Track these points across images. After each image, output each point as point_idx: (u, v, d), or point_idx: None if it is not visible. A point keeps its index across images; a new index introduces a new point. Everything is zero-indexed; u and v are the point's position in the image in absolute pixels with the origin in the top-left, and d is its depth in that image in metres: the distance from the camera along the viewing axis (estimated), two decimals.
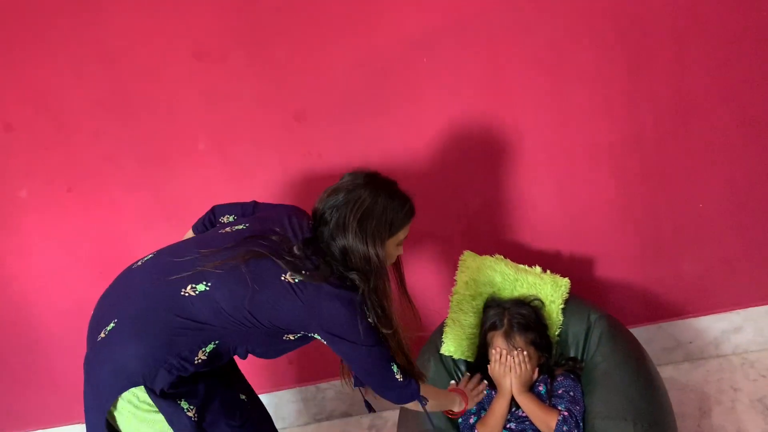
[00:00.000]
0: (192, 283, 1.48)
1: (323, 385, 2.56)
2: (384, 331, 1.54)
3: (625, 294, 2.33)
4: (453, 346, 2.05)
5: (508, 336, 1.88)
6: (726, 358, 2.35)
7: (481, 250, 2.22)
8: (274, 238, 1.55)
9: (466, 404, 1.87)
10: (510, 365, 1.83)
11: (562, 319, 2.02)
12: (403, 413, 2.04)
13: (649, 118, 2.12)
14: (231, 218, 1.74)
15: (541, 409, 1.79)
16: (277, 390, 2.56)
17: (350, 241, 1.51)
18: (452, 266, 2.19)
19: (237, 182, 2.28)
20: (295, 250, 1.52)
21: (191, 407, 1.49)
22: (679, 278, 2.31)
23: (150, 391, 1.45)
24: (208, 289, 1.47)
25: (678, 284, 2.32)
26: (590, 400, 1.81)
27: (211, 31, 2.11)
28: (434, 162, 2.21)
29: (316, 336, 1.56)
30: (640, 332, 2.25)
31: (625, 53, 2.05)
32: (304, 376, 2.54)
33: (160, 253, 1.63)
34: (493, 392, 1.90)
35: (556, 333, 2.01)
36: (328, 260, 1.54)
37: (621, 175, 2.20)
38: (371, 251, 1.51)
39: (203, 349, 1.49)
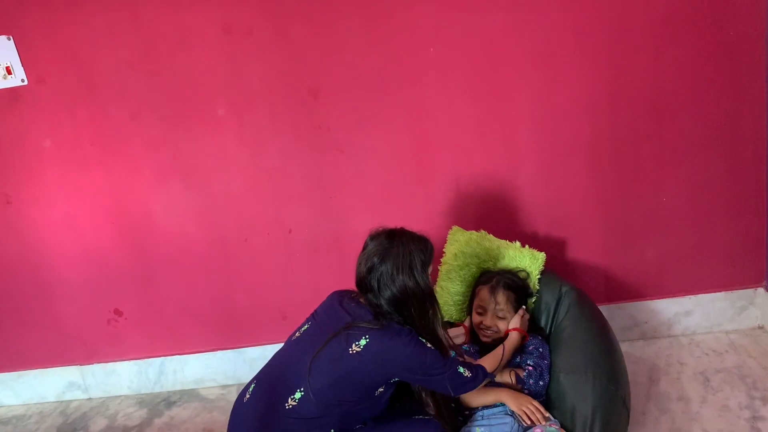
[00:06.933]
0: (297, 390, 1.76)
1: None
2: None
3: (592, 275, 2.59)
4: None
5: (493, 290, 2.11)
6: (676, 338, 2.63)
7: (468, 226, 2.46)
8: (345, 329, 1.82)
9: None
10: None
11: (537, 288, 2.27)
12: None
13: (624, 119, 2.37)
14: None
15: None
16: (269, 344, 2.76)
17: (399, 284, 1.78)
18: (441, 239, 2.42)
19: (251, 148, 2.47)
20: (359, 323, 1.79)
21: None
22: (640, 264, 2.57)
23: None
24: (303, 394, 1.76)
25: (638, 269, 2.58)
26: (556, 357, 2.06)
27: (239, 7, 2.30)
28: (432, 146, 2.43)
29: (396, 379, 1.81)
30: (602, 311, 2.46)
31: (608, 58, 2.30)
32: None
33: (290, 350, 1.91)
34: (470, 347, 2.14)
35: (533, 300, 2.26)
36: (378, 313, 1.82)
37: (595, 168, 2.44)
38: (420, 281, 1.80)
39: None
